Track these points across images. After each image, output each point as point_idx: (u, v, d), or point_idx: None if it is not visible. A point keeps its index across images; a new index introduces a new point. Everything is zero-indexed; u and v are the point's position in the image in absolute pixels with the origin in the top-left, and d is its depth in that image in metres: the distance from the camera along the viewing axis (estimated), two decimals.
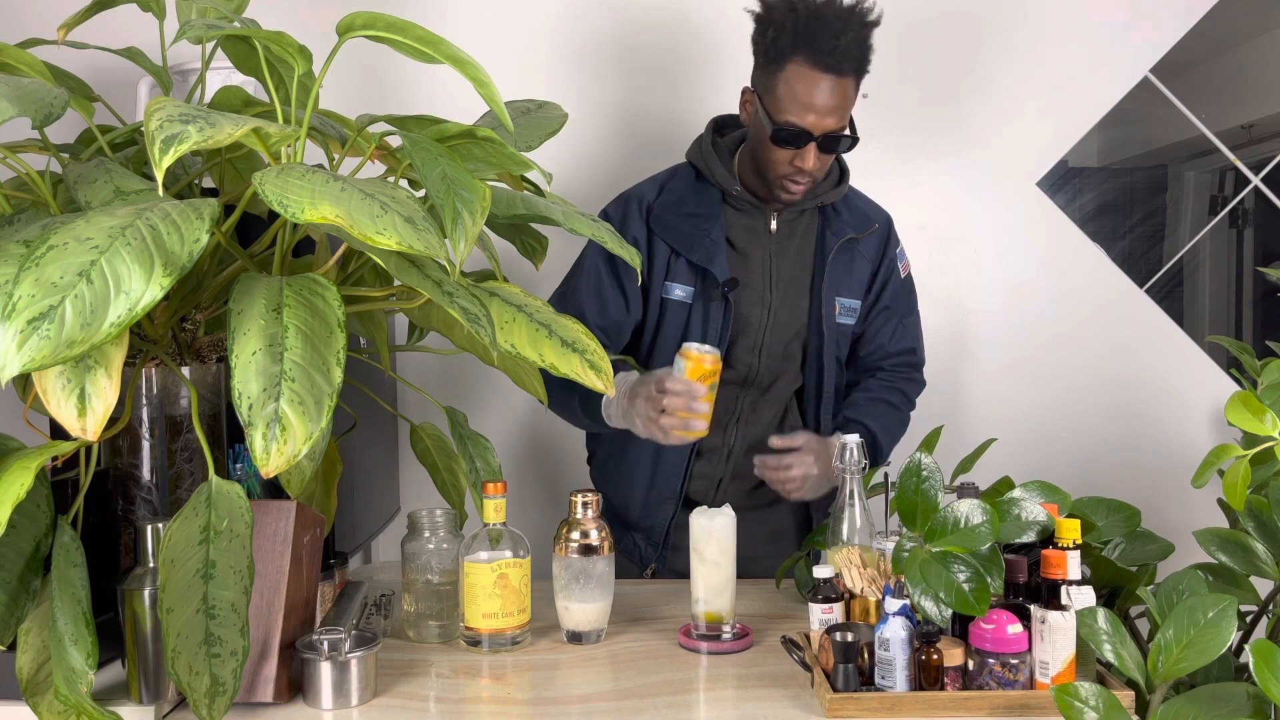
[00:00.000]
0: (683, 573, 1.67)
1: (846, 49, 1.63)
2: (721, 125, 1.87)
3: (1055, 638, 1.19)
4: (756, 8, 1.70)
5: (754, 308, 1.81)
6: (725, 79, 2.24)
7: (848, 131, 1.70)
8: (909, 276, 1.94)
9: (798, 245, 1.83)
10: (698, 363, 1.56)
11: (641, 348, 1.84)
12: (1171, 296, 2.38)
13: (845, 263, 1.84)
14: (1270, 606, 1.42)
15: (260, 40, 1.28)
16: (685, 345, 1.59)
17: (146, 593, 1.18)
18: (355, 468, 1.78)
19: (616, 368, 1.72)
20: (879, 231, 1.88)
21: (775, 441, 1.75)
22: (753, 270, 1.80)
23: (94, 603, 1.15)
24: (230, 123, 1.05)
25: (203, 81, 1.49)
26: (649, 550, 1.86)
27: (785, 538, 1.89)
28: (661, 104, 1.75)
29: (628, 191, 1.86)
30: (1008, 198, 2.37)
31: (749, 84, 1.75)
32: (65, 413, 1.05)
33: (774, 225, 1.81)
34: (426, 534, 1.47)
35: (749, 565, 1.77)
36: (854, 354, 1.92)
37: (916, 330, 1.96)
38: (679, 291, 1.79)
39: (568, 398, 1.74)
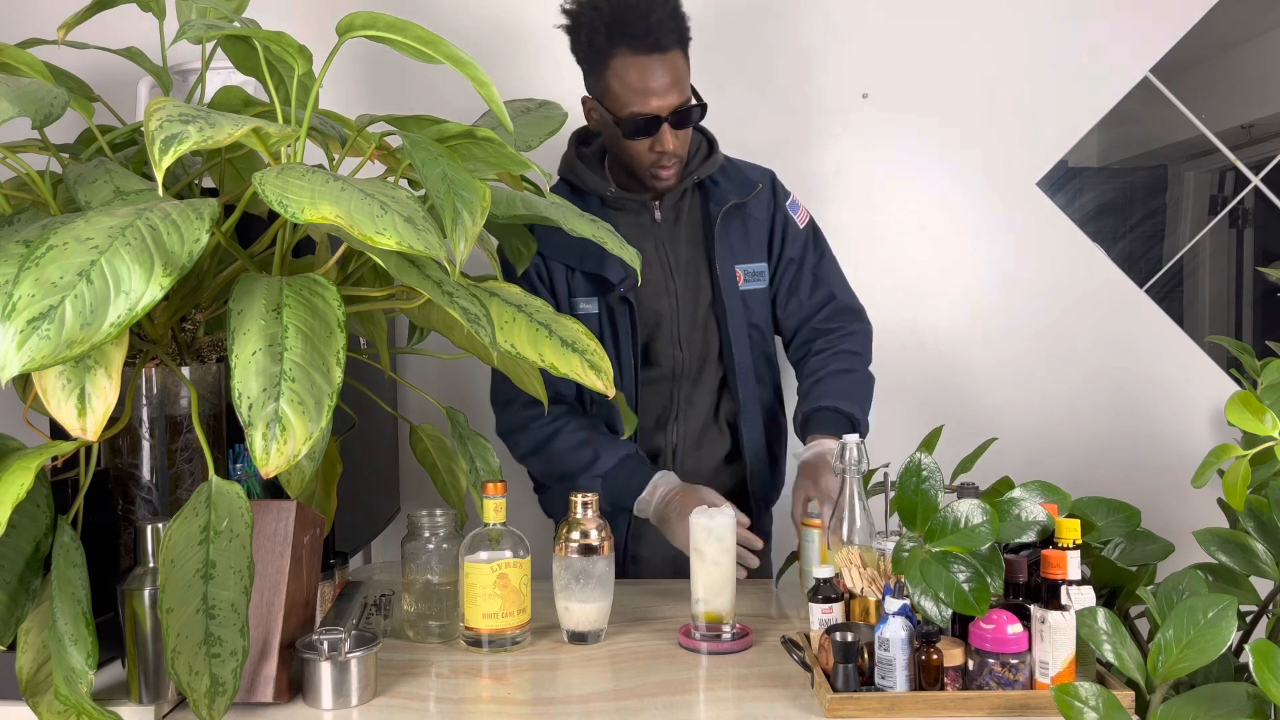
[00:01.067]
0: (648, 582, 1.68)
1: (661, 24, 1.64)
2: (585, 136, 1.88)
3: (1055, 638, 1.19)
4: (562, 21, 1.73)
5: (659, 300, 1.81)
6: (726, 80, 2.24)
7: (694, 102, 1.71)
8: (810, 224, 1.90)
9: (685, 227, 1.83)
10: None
11: None
12: (1171, 296, 2.38)
13: (738, 229, 1.83)
14: (1270, 606, 1.42)
15: (260, 40, 1.28)
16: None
17: (146, 593, 1.18)
18: (355, 468, 1.78)
19: (619, 447, 1.74)
20: (763, 191, 1.86)
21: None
22: (648, 264, 1.79)
23: (94, 603, 1.15)
24: (230, 123, 1.05)
25: (203, 81, 1.49)
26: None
27: (754, 524, 1.89)
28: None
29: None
30: (1008, 198, 2.37)
31: (585, 94, 1.78)
32: (65, 413, 1.05)
33: (658, 215, 1.82)
34: (426, 534, 1.47)
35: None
36: (777, 319, 1.90)
37: (831, 275, 1.90)
38: (584, 305, 1.80)
39: (587, 486, 1.72)
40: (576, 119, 1.81)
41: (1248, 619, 1.43)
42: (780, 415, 1.95)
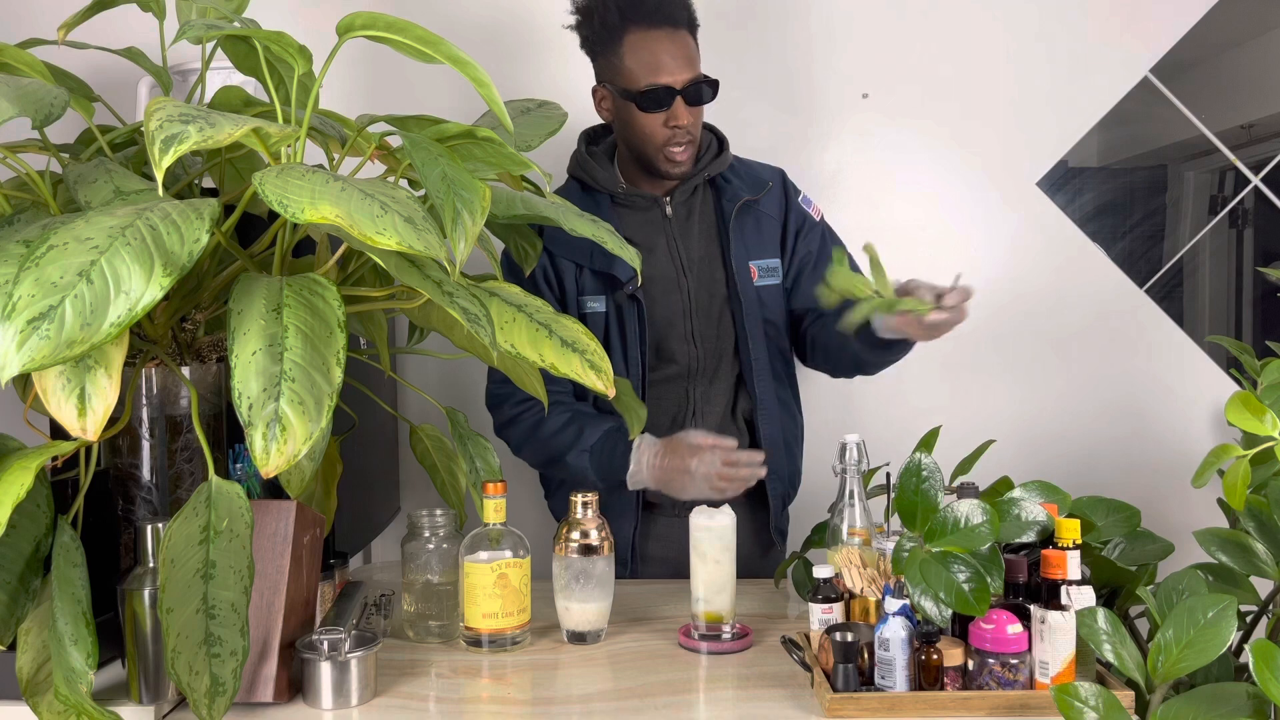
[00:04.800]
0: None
1: (672, 1, 1.70)
2: (593, 135, 1.90)
3: (1055, 638, 1.19)
4: (569, 21, 1.77)
5: (671, 296, 1.81)
6: (727, 80, 2.24)
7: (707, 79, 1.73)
8: (823, 220, 1.91)
9: (699, 223, 1.84)
10: None
11: None
12: (1171, 296, 2.38)
13: (751, 226, 1.84)
14: (1270, 606, 1.42)
15: (260, 40, 1.28)
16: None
17: (146, 593, 1.18)
18: (355, 468, 1.78)
19: (604, 421, 1.73)
20: (774, 189, 1.87)
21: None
22: (659, 261, 1.81)
23: (94, 603, 1.15)
24: (230, 123, 1.05)
25: (203, 81, 1.49)
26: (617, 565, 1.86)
27: (766, 534, 1.89)
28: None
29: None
30: (1008, 198, 2.37)
31: (595, 84, 1.81)
32: (65, 413, 1.05)
33: (669, 211, 1.83)
34: (426, 534, 1.47)
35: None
36: (791, 310, 1.89)
37: None
38: (592, 304, 1.80)
39: (577, 466, 1.73)
40: (578, 119, 1.81)
41: (1248, 619, 1.43)
42: (797, 412, 1.94)
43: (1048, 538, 1.30)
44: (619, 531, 1.82)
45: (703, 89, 1.72)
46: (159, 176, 1.00)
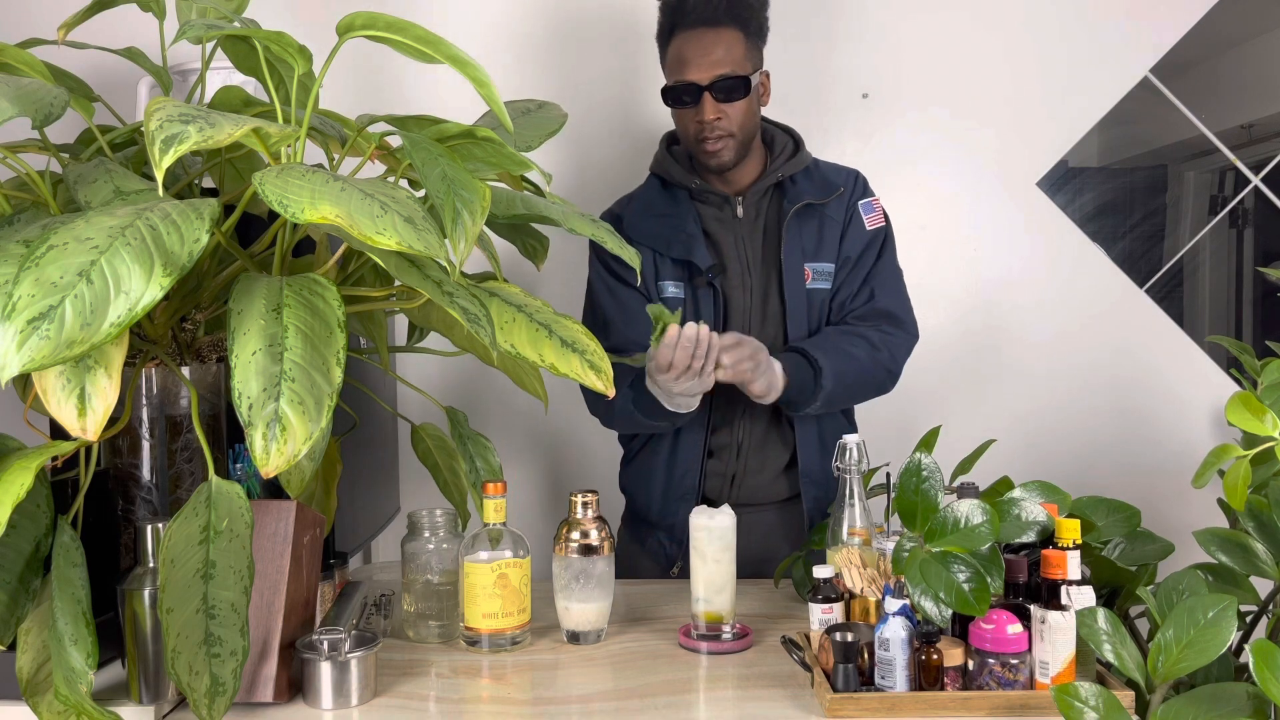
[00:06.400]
0: None
1: (712, 1, 1.72)
2: (675, 135, 1.92)
3: (1055, 638, 1.19)
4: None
5: (736, 292, 1.83)
6: None
7: (737, 74, 1.73)
8: (879, 230, 1.88)
9: (765, 224, 1.85)
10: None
11: None
12: (1171, 296, 2.38)
13: (812, 229, 1.83)
14: (1270, 606, 1.42)
15: (260, 40, 1.28)
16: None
17: (146, 593, 1.18)
18: (355, 468, 1.78)
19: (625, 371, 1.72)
20: (844, 193, 1.86)
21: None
22: (729, 257, 1.84)
23: (94, 603, 1.15)
24: (230, 123, 1.05)
25: (203, 81, 1.49)
26: (673, 548, 1.86)
27: (802, 533, 1.88)
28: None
29: (601, 215, 1.90)
30: (1008, 198, 2.37)
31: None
32: (65, 413, 1.05)
33: (740, 211, 1.85)
34: (426, 534, 1.47)
35: (765, 567, 1.77)
36: (829, 316, 1.87)
37: (882, 282, 1.86)
38: (672, 289, 1.84)
39: (623, 407, 1.74)
40: (579, 119, 1.82)
41: (1248, 619, 1.43)
42: (843, 419, 1.92)
43: (1048, 538, 1.30)
44: (675, 516, 1.83)
45: (730, 85, 1.73)
46: (159, 176, 1.00)
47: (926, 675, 1.21)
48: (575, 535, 1.45)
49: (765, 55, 1.82)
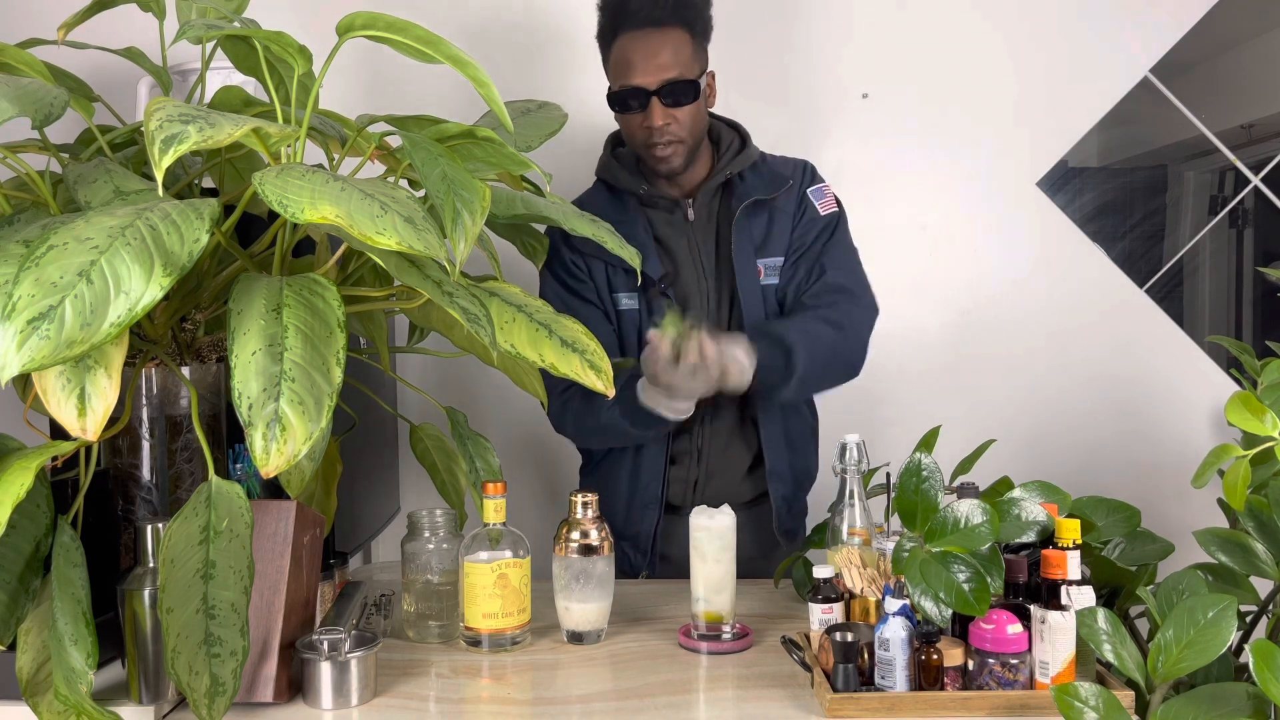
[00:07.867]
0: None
1: (657, 1, 1.67)
2: (619, 137, 1.88)
3: (1055, 638, 1.19)
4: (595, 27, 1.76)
5: (693, 298, 1.81)
6: (727, 80, 2.24)
7: (685, 78, 1.68)
8: (832, 215, 1.83)
9: (717, 224, 1.82)
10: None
11: None
12: (1171, 296, 2.38)
13: (761, 223, 1.80)
14: (1270, 606, 1.42)
15: (260, 40, 1.28)
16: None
17: (146, 593, 1.18)
18: (355, 468, 1.78)
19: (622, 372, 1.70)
20: (794, 186, 1.82)
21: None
22: (682, 262, 1.80)
23: (94, 603, 1.15)
24: (230, 123, 1.05)
25: (203, 81, 1.49)
26: (638, 558, 1.85)
27: (770, 533, 1.87)
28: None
29: (549, 230, 1.83)
30: (1008, 198, 2.37)
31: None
32: (65, 413, 1.05)
33: (690, 213, 1.82)
34: (426, 534, 1.47)
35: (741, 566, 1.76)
36: (782, 308, 1.83)
37: (835, 259, 1.81)
38: (626, 300, 1.80)
39: (611, 422, 1.70)
40: (579, 119, 1.81)
41: (1248, 619, 1.43)
42: (805, 410, 1.91)
43: (1048, 538, 1.30)
44: (640, 525, 1.82)
45: (678, 90, 1.68)
46: (159, 176, 1.00)
47: (926, 675, 1.21)
48: (575, 535, 1.45)
49: (766, 56, 1.82)
